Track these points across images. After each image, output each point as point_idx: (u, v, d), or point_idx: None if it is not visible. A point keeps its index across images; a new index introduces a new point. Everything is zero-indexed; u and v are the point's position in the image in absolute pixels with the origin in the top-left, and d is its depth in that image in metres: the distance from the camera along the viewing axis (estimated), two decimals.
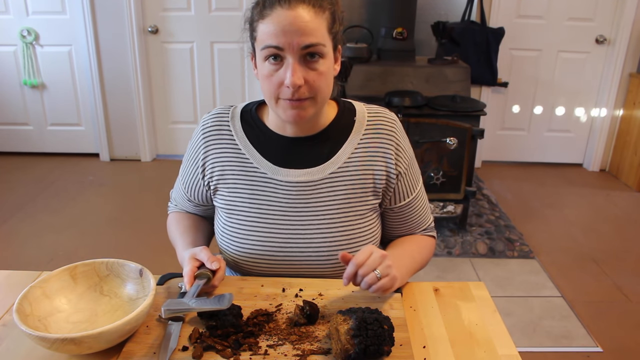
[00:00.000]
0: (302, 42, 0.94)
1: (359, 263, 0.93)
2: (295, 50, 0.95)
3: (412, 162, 1.15)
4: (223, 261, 1.04)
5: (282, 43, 0.94)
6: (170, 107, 3.92)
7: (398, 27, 3.09)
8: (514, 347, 0.92)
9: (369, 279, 0.92)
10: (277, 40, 0.94)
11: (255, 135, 1.12)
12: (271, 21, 0.95)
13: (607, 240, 2.97)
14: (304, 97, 0.98)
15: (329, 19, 0.99)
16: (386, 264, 0.95)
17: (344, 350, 0.83)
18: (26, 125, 3.93)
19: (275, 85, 0.98)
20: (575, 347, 2.10)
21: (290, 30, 0.94)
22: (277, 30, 0.94)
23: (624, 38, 3.61)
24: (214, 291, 1.03)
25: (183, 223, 1.21)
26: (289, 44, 0.94)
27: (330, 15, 0.99)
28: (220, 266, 1.01)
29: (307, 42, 0.95)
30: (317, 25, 0.96)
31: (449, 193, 2.85)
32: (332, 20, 1.00)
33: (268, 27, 0.95)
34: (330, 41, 1.00)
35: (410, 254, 1.13)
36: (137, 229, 2.98)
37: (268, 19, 0.95)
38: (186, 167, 1.18)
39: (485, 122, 3.41)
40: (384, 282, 0.94)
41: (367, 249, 0.96)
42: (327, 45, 0.98)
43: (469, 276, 2.59)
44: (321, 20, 0.97)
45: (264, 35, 0.96)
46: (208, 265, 0.99)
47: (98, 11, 3.60)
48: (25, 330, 0.81)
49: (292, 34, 0.94)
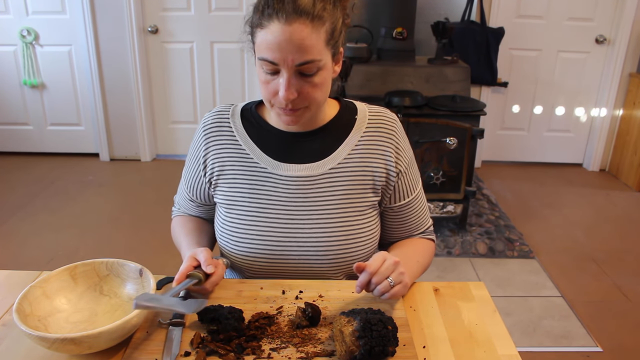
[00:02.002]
0: (297, 59, 0.94)
1: (373, 271, 0.92)
2: (290, 67, 0.94)
3: (412, 163, 1.16)
4: (222, 266, 1.04)
5: (277, 59, 0.94)
6: (170, 107, 3.92)
7: (398, 27, 3.09)
8: (513, 347, 0.92)
9: (382, 287, 0.92)
10: (272, 56, 0.94)
11: (256, 131, 1.13)
12: (269, 32, 0.94)
13: (607, 240, 2.97)
14: (298, 107, 0.99)
15: (328, 30, 0.96)
16: (399, 271, 0.94)
17: (349, 351, 0.83)
18: (26, 125, 3.93)
19: (270, 92, 0.99)
20: (575, 347, 2.10)
21: (286, 47, 0.93)
22: (273, 45, 0.93)
23: (624, 38, 3.61)
24: (211, 294, 1.03)
25: (187, 226, 1.21)
26: (284, 60, 0.94)
27: (330, 26, 0.97)
28: (216, 271, 0.99)
29: (302, 60, 0.94)
30: (314, 42, 0.94)
31: (448, 193, 2.85)
32: (331, 31, 0.97)
33: (265, 38, 0.94)
34: (329, 52, 0.99)
35: (416, 258, 1.13)
36: (137, 229, 2.98)
37: (266, 29, 0.94)
38: (188, 165, 1.19)
39: (485, 122, 3.41)
40: (397, 290, 0.94)
41: (379, 256, 0.95)
42: (323, 59, 0.97)
43: (469, 276, 2.59)
44: (319, 35, 0.95)
45: (261, 46, 0.96)
46: (203, 267, 0.98)
47: (98, 11, 3.59)
48: (25, 330, 0.81)
49: (287, 51, 0.93)
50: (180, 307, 0.89)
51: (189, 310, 0.89)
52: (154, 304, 0.86)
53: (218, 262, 1.03)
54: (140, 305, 0.84)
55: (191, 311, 0.89)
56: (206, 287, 0.99)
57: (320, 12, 0.94)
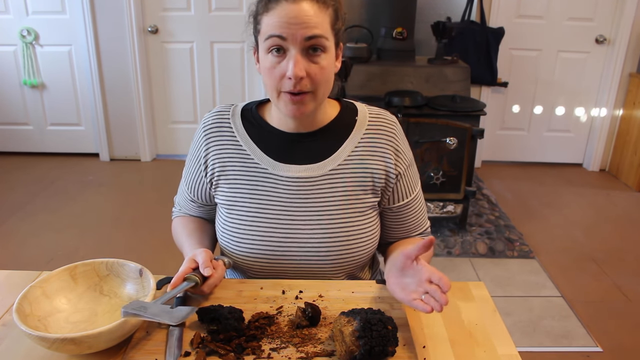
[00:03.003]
0: (306, 33, 0.96)
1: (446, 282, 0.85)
2: (298, 42, 0.96)
3: (411, 165, 1.16)
4: (222, 268, 1.03)
5: (286, 33, 0.96)
6: (170, 107, 3.92)
7: (398, 27, 3.09)
8: (513, 347, 0.92)
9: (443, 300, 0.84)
10: (280, 30, 0.96)
11: (256, 131, 1.13)
12: (276, 13, 0.97)
13: (607, 240, 2.97)
14: (305, 90, 0.99)
15: (332, 15, 1.01)
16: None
17: (349, 351, 0.83)
18: (26, 125, 3.93)
19: (277, 77, 0.99)
20: (575, 346, 2.10)
21: (294, 22, 0.95)
22: (282, 22, 0.96)
23: (624, 38, 3.61)
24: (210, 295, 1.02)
25: (189, 226, 1.21)
26: (293, 34, 0.96)
27: (333, 12, 1.01)
28: (214, 273, 0.99)
29: (311, 34, 0.96)
30: (321, 20, 0.98)
31: (448, 193, 2.85)
32: (335, 17, 1.02)
33: (272, 19, 0.97)
34: (333, 37, 1.02)
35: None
36: (137, 229, 2.98)
37: (273, 11, 0.97)
38: (189, 166, 1.18)
39: (485, 122, 3.41)
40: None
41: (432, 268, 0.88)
42: (329, 39, 1.00)
43: (469, 276, 2.59)
44: (324, 16, 0.99)
45: (268, 27, 0.98)
46: (201, 270, 0.98)
47: (98, 11, 3.59)
48: (25, 330, 0.81)
49: (296, 26, 0.95)
50: (164, 318, 0.87)
51: (173, 321, 0.87)
52: (141, 313, 0.85)
53: (217, 264, 1.02)
54: (128, 314, 0.84)
55: (176, 321, 0.87)
56: (203, 289, 0.99)
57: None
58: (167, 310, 0.89)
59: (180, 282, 0.96)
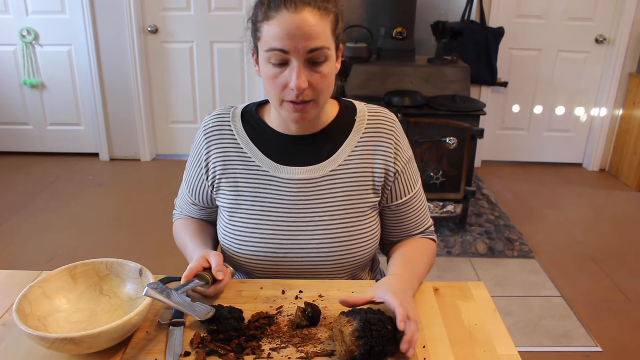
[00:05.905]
0: (309, 46, 0.95)
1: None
2: (300, 54, 0.95)
3: (411, 162, 1.16)
4: (230, 276, 1.04)
5: (288, 47, 0.94)
6: (170, 107, 3.92)
7: (398, 27, 3.09)
8: (513, 347, 0.92)
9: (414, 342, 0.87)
10: (282, 44, 0.94)
11: (257, 134, 1.12)
12: (277, 24, 0.94)
13: (607, 240, 2.97)
14: (308, 99, 0.99)
15: (333, 21, 0.99)
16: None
17: (349, 351, 0.83)
18: (26, 125, 3.93)
19: (279, 87, 0.99)
20: (575, 347, 2.10)
21: (296, 34, 0.94)
22: (283, 34, 0.94)
23: (624, 38, 3.61)
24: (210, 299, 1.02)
25: (191, 227, 1.22)
26: (295, 47, 0.94)
27: (335, 18, 1.00)
28: (224, 279, 1.00)
29: (313, 46, 0.95)
30: (323, 29, 0.96)
31: (448, 193, 2.85)
32: (336, 22, 1.00)
33: (273, 29, 0.95)
34: (334, 42, 1.01)
35: (418, 274, 1.09)
36: (137, 229, 2.98)
37: (273, 21, 0.95)
38: (190, 170, 1.18)
39: (485, 122, 3.41)
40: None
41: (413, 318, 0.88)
42: (331, 48, 0.99)
43: (469, 276, 2.59)
44: (326, 23, 0.97)
45: (269, 38, 0.96)
46: (214, 272, 0.99)
47: (98, 11, 3.59)
48: (25, 330, 0.81)
49: (298, 38, 0.94)
50: (190, 310, 0.89)
51: (197, 315, 0.89)
52: (165, 299, 0.86)
53: (227, 271, 1.03)
54: (151, 295, 0.85)
55: (200, 317, 0.89)
56: (210, 291, 0.99)
57: (326, 3, 0.97)
58: (190, 304, 0.91)
59: (192, 278, 0.97)
